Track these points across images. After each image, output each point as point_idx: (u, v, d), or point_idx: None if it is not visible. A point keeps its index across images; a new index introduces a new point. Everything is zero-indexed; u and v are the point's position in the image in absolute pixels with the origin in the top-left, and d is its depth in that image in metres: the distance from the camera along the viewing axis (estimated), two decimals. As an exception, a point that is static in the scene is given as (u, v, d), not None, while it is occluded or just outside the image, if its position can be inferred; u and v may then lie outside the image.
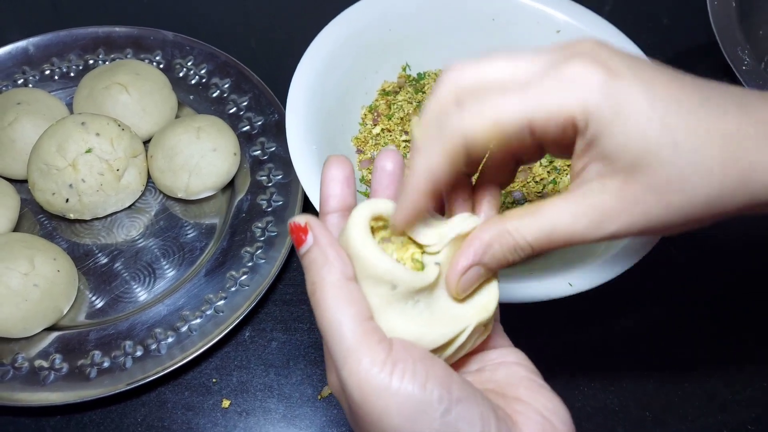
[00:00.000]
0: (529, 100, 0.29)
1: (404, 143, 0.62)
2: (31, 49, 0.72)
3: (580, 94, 0.29)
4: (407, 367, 0.28)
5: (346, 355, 0.28)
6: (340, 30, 0.61)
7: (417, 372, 0.28)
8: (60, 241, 0.62)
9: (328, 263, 0.30)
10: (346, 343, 0.28)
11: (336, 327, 0.29)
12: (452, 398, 0.28)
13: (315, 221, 0.31)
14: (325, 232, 0.31)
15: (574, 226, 0.30)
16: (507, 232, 0.31)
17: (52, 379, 0.53)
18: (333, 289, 0.29)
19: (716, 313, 0.60)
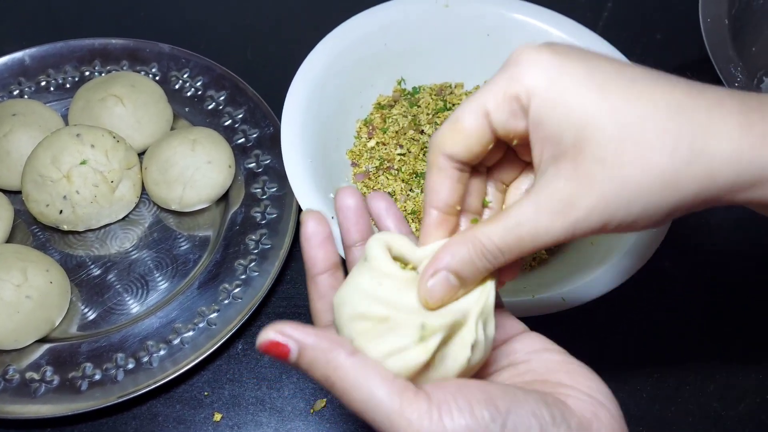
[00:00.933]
0: (480, 91, 0.31)
1: (399, 156, 0.62)
2: (27, 60, 0.72)
3: (521, 71, 0.30)
4: (451, 405, 0.28)
5: (391, 420, 0.28)
6: (335, 44, 0.62)
7: (461, 405, 0.28)
8: (53, 252, 0.62)
9: (328, 352, 0.29)
10: (386, 409, 0.28)
11: (370, 400, 0.28)
12: (501, 412, 0.28)
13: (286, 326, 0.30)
14: (302, 329, 0.29)
15: (538, 220, 0.29)
16: (474, 237, 0.31)
17: (43, 391, 0.53)
18: (349, 368, 0.29)
19: (710, 327, 0.60)
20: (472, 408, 0.28)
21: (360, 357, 0.29)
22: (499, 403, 0.28)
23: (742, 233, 0.65)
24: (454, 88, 0.68)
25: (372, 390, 0.28)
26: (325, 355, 0.29)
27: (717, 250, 0.64)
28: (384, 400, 0.28)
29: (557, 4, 0.65)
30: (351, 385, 0.29)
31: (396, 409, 0.28)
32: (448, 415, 0.28)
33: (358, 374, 0.29)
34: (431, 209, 0.34)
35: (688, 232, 0.63)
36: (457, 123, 0.31)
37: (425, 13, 0.65)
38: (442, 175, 0.33)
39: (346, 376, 0.29)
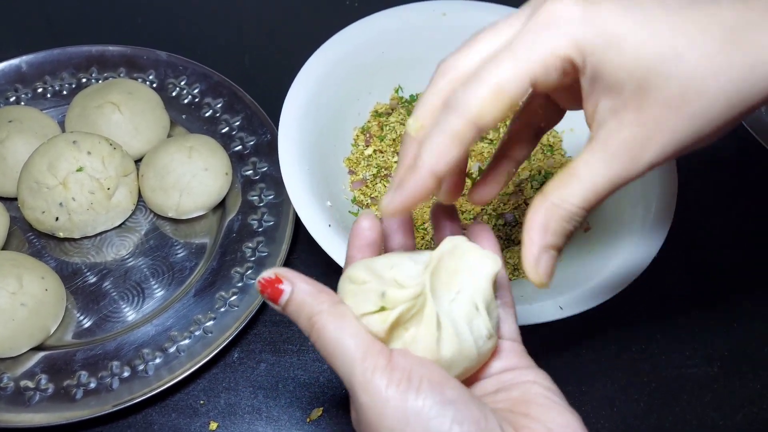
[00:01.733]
0: (521, 55, 0.29)
1: (396, 164, 0.62)
2: (23, 66, 0.72)
3: (566, 31, 0.28)
4: (404, 374, 0.29)
5: (353, 366, 0.30)
6: (333, 51, 0.62)
7: (412, 378, 0.29)
8: (48, 259, 0.61)
9: (317, 297, 0.32)
10: (351, 355, 0.30)
11: (341, 343, 0.30)
12: (444, 399, 0.29)
13: (284, 269, 0.33)
14: (298, 275, 0.32)
15: (611, 171, 0.30)
16: (555, 206, 0.31)
17: (38, 399, 0.53)
18: (329, 316, 0.31)
19: (707, 336, 0.60)
20: (420, 384, 0.29)
21: (342, 307, 0.32)
22: (447, 392, 0.29)
23: (741, 241, 0.65)
24: (452, 96, 0.68)
25: (343, 336, 0.30)
26: (312, 300, 0.31)
27: (715, 259, 0.64)
28: (350, 347, 0.30)
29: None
30: (328, 329, 0.31)
31: (359, 356, 0.30)
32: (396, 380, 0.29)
33: (335, 321, 0.31)
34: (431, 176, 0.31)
35: (685, 241, 0.63)
36: (502, 93, 0.29)
37: (423, 22, 0.65)
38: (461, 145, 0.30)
39: (325, 321, 0.31)
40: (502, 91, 0.29)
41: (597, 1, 0.28)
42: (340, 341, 0.30)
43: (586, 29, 0.28)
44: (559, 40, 0.28)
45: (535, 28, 0.29)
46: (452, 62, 0.31)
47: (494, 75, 0.29)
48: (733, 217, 0.67)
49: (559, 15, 0.28)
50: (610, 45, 0.28)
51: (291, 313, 0.32)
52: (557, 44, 0.28)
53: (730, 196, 0.68)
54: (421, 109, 0.32)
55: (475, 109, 0.29)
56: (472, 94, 0.29)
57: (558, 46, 0.28)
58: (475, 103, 0.29)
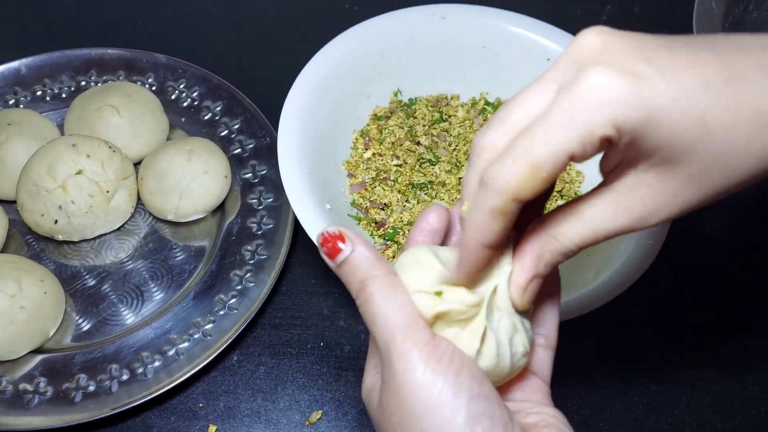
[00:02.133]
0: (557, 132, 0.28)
1: (395, 168, 0.62)
2: (23, 69, 0.72)
3: (608, 111, 0.27)
4: (445, 354, 0.30)
5: (394, 334, 0.30)
6: (332, 55, 0.62)
7: (453, 361, 0.30)
8: (47, 262, 0.61)
9: (373, 263, 0.32)
10: (394, 323, 0.31)
11: (387, 311, 0.31)
12: (482, 392, 0.30)
13: (347, 229, 0.33)
14: (360, 238, 0.33)
15: (616, 222, 0.30)
16: (553, 238, 0.31)
17: (36, 402, 0.53)
18: (383, 281, 0.32)
19: (706, 339, 0.60)
20: (461, 369, 0.30)
21: (395, 279, 0.32)
22: (485, 386, 0.30)
23: (738, 244, 0.66)
24: (450, 100, 0.69)
25: (391, 305, 0.31)
26: (369, 265, 0.32)
27: (713, 261, 0.64)
28: (396, 316, 0.31)
29: (552, 16, 0.65)
30: (377, 296, 0.31)
31: (402, 326, 0.31)
32: (437, 357, 0.30)
33: (387, 290, 0.32)
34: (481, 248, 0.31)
35: (683, 244, 0.63)
36: (538, 170, 0.28)
37: (422, 25, 0.65)
38: (504, 219, 0.30)
39: (377, 287, 0.31)
40: (539, 169, 0.28)
41: (641, 74, 0.27)
42: (388, 309, 0.31)
43: (629, 110, 0.27)
44: (598, 121, 0.27)
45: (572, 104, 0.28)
46: (486, 140, 0.31)
47: (529, 153, 0.28)
48: (731, 220, 0.67)
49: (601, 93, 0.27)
50: (649, 121, 0.27)
51: (344, 273, 0.33)
52: (595, 124, 0.27)
53: (729, 200, 0.68)
54: (466, 192, 0.33)
55: (513, 187, 0.29)
56: (506, 172, 0.29)
57: (596, 127, 0.27)
58: (512, 180, 0.29)
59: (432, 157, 0.63)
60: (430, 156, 0.63)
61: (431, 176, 0.62)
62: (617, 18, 0.83)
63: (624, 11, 0.84)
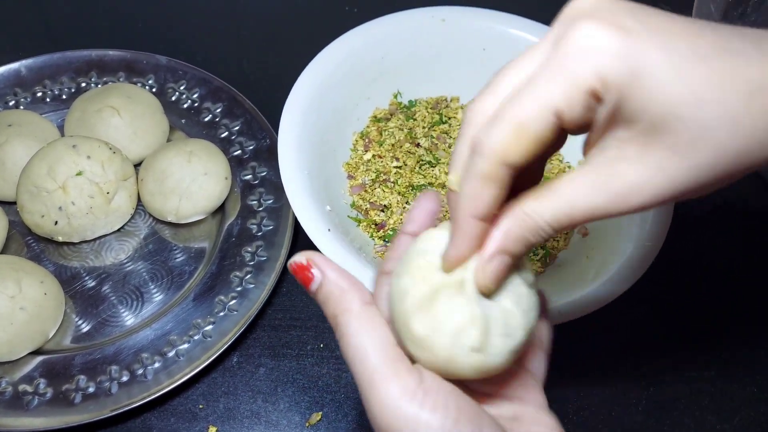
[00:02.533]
0: (541, 89, 0.27)
1: (395, 169, 0.63)
2: (23, 71, 0.72)
3: (594, 61, 0.26)
4: (439, 400, 0.28)
5: (371, 381, 0.28)
6: (332, 57, 0.62)
7: (449, 407, 0.28)
8: (47, 263, 0.61)
9: (345, 292, 0.30)
10: (371, 368, 0.28)
11: (361, 353, 0.29)
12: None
13: (316, 256, 0.31)
14: (329, 264, 0.31)
15: (595, 200, 0.28)
16: (525, 214, 0.29)
17: (36, 404, 0.53)
18: (355, 316, 0.30)
19: (705, 340, 0.60)
20: (458, 416, 0.28)
21: (372, 309, 0.30)
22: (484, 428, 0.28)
23: (738, 246, 0.66)
24: (450, 102, 0.69)
25: (366, 344, 0.29)
26: (341, 295, 0.30)
27: (712, 263, 0.64)
28: (372, 359, 0.28)
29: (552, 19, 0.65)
30: (351, 332, 0.29)
31: (381, 372, 0.28)
32: (431, 406, 0.27)
33: (361, 324, 0.29)
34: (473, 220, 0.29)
35: (683, 245, 0.63)
36: (524, 129, 0.27)
37: (422, 28, 0.65)
38: (495, 186, 0.28)
39: (350, 321, 0.29)
40: (525, 128, 0.27)
41: (633, 31, 0.26)
42: (363, 350, 0.29)
43: (615, 61, 0.26)
44: (583, 72, 0.26)
45: (559, 58, 0.27)
46: (477, 107, 0.30)
47: (515, 112, 0.27)
48: (730, 221, 0.67)
49: (589, 43, 0.26)
50: (636, 79, 0.26)
51: (319, 302, 0.31)
52: (580, 76, 0.26)
53: (728, 201, 0.68)
54: (456, 161, 0.31)
55: (500, 149, 0.28)
56: (494, 134, 0.28)
57: (581, 78, 0.26)
58: (499, 142, 0.28)
59: (432, 159, 0.63)
60: (430, 158, 0.63)
61: (431, 178, 0.62)
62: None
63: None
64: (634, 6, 0.28)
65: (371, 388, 0.28)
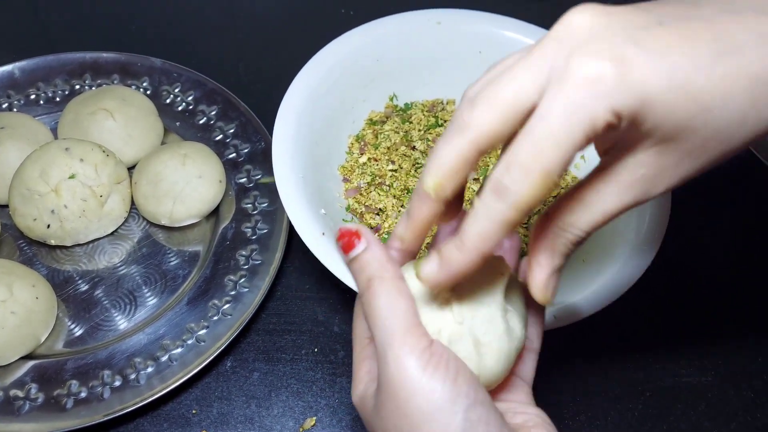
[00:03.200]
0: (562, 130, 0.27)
1: (390, 172, 0.62)
2: (16, 73, 0.71)
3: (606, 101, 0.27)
4: (442, 361, 0.31)
5: (392, 338, 0.31)
6: (328, 59, 0.62)
7: (449, 368, 0.30)
8: (40, 267, 0.61)
9: (384, 264, 0.33)
10: (393, 327, 0.31)
11: (388, 313, 0.31)
12: (478, 398, 0.30)
13: (366, 229, 0.34)
14: (376, 239, 0.33)
15: (621, 202, 0.30)
16: (563, 230, 0.32)
17: (27, 409, 0.52)
18: (389, 283, 0.32)
19: (700, 345, 0.60)
20: (457, 375, 0.30)
21: (402, 284, 0.32)
22: (480, 392, 0.31)
23: (735, 251, 0.66)
24: (446, 105, 0.69)
25: (395, 309, 0.31)
26: (379, 264, 0.33)
27: (708, 268, 0.64)
28: (395, 321, 0.31)
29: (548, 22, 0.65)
30: (382, 295, 0.32)
31: (401, 332, 0.31)
32: (434, 364, 0.30)
33: (393, 290, 0.32)
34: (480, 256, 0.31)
35: (679, 250, 0.63)
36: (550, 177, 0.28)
37: (418, 30, 0.65)
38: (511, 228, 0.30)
39: (383, 286, 0.32)
40: (551, 176, 0.28)
41: (626, 58, 0.27)
42: (389, 312, 0.31)
43: (624, 96, 0.27)
44: (600, 111, 0.27)
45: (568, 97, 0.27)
46: (474, 119, 0.29)
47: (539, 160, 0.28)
48: (727, 226, 0.67)
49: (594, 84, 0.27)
50: (645, 105, 0.27)
51: (354, 269, 0.33)
52: (598, 116, 0.27)
53: (724, 206, 0.68)
54: (436, 165, 0.31)
55: (529, 200, 0.28)
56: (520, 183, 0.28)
57: (599, 119, 0.27)
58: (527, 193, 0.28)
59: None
60: (426, 161, 0.63)
61: (426, 181, 0.62)
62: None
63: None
64: (627, 22, 0.28)
65: (390, 344, 0.31)
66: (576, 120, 0.27)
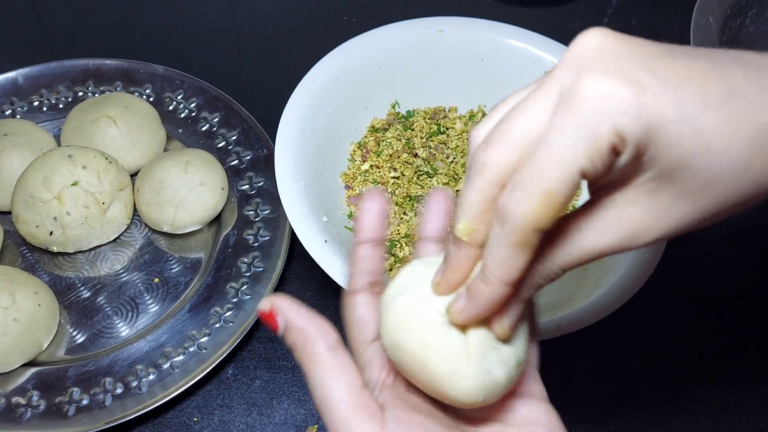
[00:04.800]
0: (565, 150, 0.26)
1: (392, 180, 0.62)
2: (20, 79, 0.72)
3: (613, 121, 0.26)
4: None
5: (338, 427, 0.29)
6: (330, 67, 0.62)
7: None
8: (42, 274, 0.61)
9: (309, 339, 0.30)
10: (337, 413, 0.29)
11: (328, 399, 0.29)
12: None
13: (282, 301, 0.31)
14: (294, 308, 0.31)
15: (603, 242, 0.29)
16: (536, 262, 0.29)
17: (29, 416, 0.52)
18: (320, 362, 0.30)
19: (703, 354, 0.60)
20: None
21: (339, 353, 0.30)
22: None
23: (736, 261, 0.65)
24: (448, 112, 0.69)
25: (332, 390, 0.29)
26: (307, 341, 0.30)
27: (711, 277, 0.64)
28: (338, 404, 0.29)
29: (550, 30, 0.65)
30: (319, 377, 0.30)
31: (345, 417, 0.29)
32: None
33: (326, 370, 0.30)
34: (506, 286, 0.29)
35: (681, 259, 0.63)
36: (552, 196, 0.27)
37: (420, 38, 0.65)
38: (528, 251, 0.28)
39: (317, 367, 0.30)
40: (553, 195, 0.27)
41: (646, 85, 0.26)
42: (328, 396, 0.29)
43: (632, 120, 0.26)
44: (605, 133, 0.26)
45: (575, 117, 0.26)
46: (489, 158, 0.29)
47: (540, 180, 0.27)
48: (729, 231, 0.67)
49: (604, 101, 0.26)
50: (650, 133, 0.26)
51: (289, 347, 0.32)
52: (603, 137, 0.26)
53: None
54: (466, 211, 0.30)
55: (531, 218, 0.27)
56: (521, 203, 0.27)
57: (604, 140, 0.26)
58: (529, 212, 0.27)
59: (429, 170, 0.63)
60: (428, 168, 0.63)
61: (429, 189, 0.62)
62: (615, 31, 0.84)
63: (621, 25, 0.84)
64: (637, 49, 0.28)
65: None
66: (579, 138, 0.26)
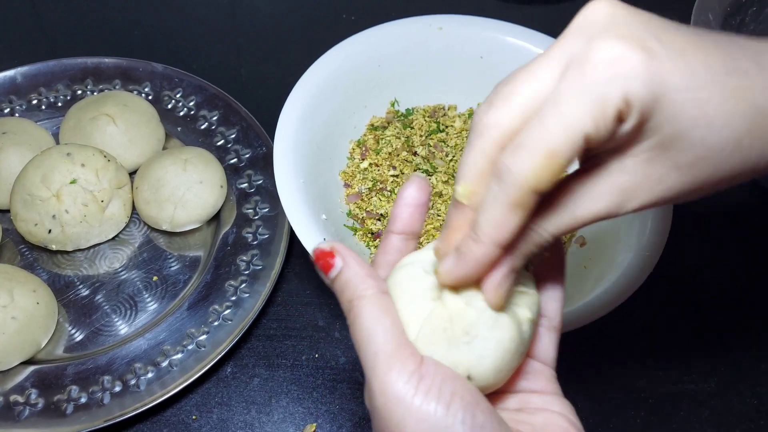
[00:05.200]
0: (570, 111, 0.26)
1: (392, 178, 0.62)
2: (18, 78, 0.71)
3: (622, 84, 0.26)
4: (434, 384, 0.28)
5: (375, 362, 0.29)
6: (329, 65, 0.62)
7: (443, 391, 0.28)
8: (40, 272, 0.61)
9: (364, 280, 0.31)
10: (377, 349, 0.29)
11: (371, 335, 0.29)
12: (475, 423, 0.28)
13: (340, 245, 0.32)
14: (352, 254, 0.32)
15: (594, 208, 0.29)
16: (528, 229, 0.29)
17: (27, 414, 0.52)
18: (370, 302, 0.30)
19: (704, 352, 0.59)
20: (451, 400, 0.28)
21: (386, 298, 0.31)
22: (479, 414, 0.28)
23: (736, 256, 0.65)
24: (448, 110, 0.69)
25: (377, 328, 0.30)
26: (360, 282, 0.31)
27: (712, 274, 0.64)
28: (380, 341, 0.29)
29: (549, 27, 0.65)
30: (365, 316, 0.30)
31: (385, 353, 0.29)
32: (424, 389, 0.28)
33: (375, 309, 0.30)
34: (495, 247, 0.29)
35: (682, 256, 0.62)
36: (554, 156, 0.26)
37: (419, 36, 0.65)
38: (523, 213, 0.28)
39: (365, 306, 0.30)
40: (555, 155, 0.26)
41: (657, 53, 0.26)
42: (372, 333, 0.30)
43: (641, 85, 0.26)
44: (613, 95, 0.26)
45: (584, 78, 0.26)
46: (491, 119, 0.28)
47: (543, 138, 0.26)
48: (729, 232, 0.67)
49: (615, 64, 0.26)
50: (656, 102, 0.26)
51: (336, 290, 0.32)
52: (610, 99, 0.26)
53: (726, 212, 0.68)
54: (466, 173, 0.30)
55: (531, 177, 0.27)
56: (522, 161, 0.27)
57: (611, 102, 0.26)
58: (529, 170, 0.27)
59: (429, 168, 0.63)
60: (427, 166, 0.63)
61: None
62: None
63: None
64: (647, 19, 0.28)
65: (374, 368, 0.29)
66: (588, 100, 0.26)
